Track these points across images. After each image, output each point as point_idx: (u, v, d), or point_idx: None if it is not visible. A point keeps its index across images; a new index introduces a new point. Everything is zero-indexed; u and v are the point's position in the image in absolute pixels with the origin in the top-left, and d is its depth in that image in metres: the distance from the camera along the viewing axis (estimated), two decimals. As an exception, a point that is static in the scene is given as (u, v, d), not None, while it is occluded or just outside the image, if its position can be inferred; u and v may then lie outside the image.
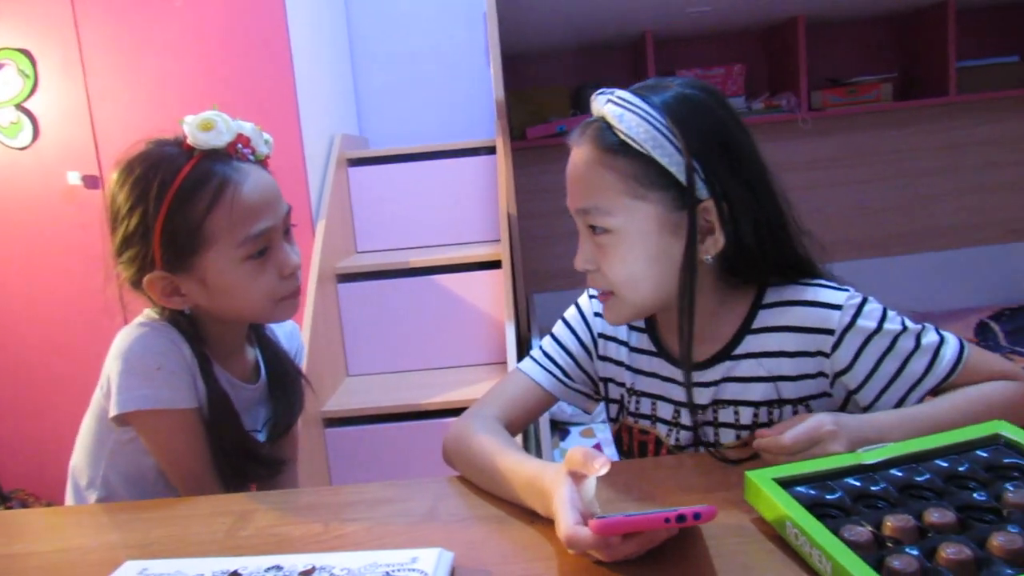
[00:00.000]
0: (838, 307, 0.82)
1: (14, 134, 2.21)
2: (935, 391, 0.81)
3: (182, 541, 0.76)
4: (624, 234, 0.81)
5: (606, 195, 0.81)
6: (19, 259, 2.25)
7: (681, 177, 0.79)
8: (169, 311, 0.99)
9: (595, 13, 2.42)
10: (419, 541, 0.70)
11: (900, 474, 0.68)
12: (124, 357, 0.94)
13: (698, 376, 0.89)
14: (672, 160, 0.79)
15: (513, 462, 0.77)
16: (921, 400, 0.82)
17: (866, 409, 0.84)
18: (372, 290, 2.32)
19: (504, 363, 2.20)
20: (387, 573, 0.63)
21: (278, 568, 0.65)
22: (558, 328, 1.02)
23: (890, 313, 0.83)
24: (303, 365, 1.21)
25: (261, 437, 1.08)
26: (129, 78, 2.16)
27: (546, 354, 0.99)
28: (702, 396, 0.89)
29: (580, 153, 0.84)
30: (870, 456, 0.70)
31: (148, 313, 1.01)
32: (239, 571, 0.65)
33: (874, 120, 3.03)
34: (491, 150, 2.49)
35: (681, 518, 0.57)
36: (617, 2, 2.29)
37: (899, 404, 0.82)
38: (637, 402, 0.95)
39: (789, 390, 0.85)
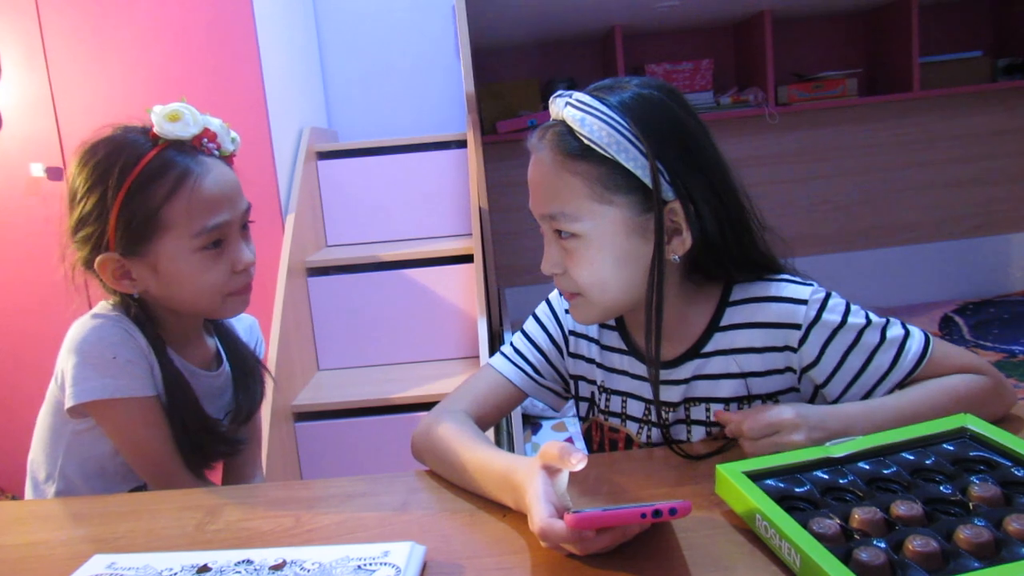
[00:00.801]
0: (803, 302, 0.83)
1: (-27, 126, 2.16)
2: (901, 384, 0.82)
3: (151, 535, 0.76)
4: (591, 238, 0.81)
5: (571, 200, 0.80)
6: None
7: (646, 180, 0.78)
8: (122, 300, 0.99)
9: (565, 7, 2.43)
10: (391, 535, 0.71)
11: (867, 467, 0.70)
12: (78, 349, 0.94)
13: (668, 374, 0.89)
14: (637, 163, 0.78)
15: (484, 457, 0.78)
16: (888, 393, 0.82)
17: (834, 403, 0.85)
18: (342, 284, 2.31)
19: (476, 357, 2.21)
20: (359, 567, 0.63)
21: (248, 562, 0.65)
22: (529, 324, 1.02)
23: (854, 307, 0.84)
24: (263, 358, 1.21)
25: (224, 423, 1.09)
26: (93, 70, 2.12)
27: (517, 350, 0.99)
28: (672, 394, 0.89)
29: (542, 158, 0.83)
30: (838, 449, 0.71)
31: (103, 305, 1.01)
32: (208, 565, 0.65)
33: (839, 115, 3.07)
34: (462, 144, 2.49)
35: (657, 513, 0.58)
36: (587, -4, 2.31)
37: (865, 397, 0.83)
38: (607, 400, 0.96)
39: (758, 386, 0.87)
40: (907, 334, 0.83)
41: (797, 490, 0.67)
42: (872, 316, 0.84)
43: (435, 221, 2.50)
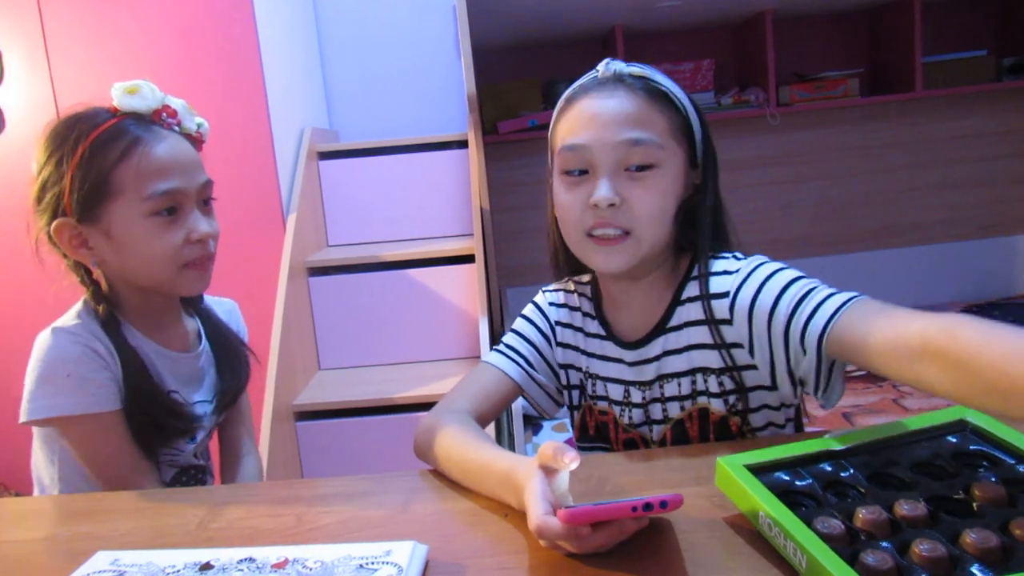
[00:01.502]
0: (729, 272, 0.87)
1: (-24, 126, 2.16)
2: (820, 339, 0.75)
3: (154, 532, 0.76)
4: (665, 170, 0.86)
5: (657, 131, 0.86)
6: (-18, 253, 2.21)
7: (698, 138, 0.90)
8: (92, 295, 1.01)
9: (565, 7, 2.43)
10: (393, 534, 0.71)
11: (868, 460, 0.70)
12: (33, 366, 0.96)
13: (640, 354, 0.93)
14: (695, 122, 0.90)
15: (486, 457, 0.78)
16: (817, 350, 0.76)
17: (786, 372, 0.81)
18: (344, 284, 2.32)
19: (477, 357, 2.21)
20: (361, 566, 0.63)
21: (251, 560, 0.65)
22: (518, 323, 1.05)
23: (788, 268, 0.83)
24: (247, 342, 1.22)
25: (209, 407, 1.10)
26: (95, 71, 2.13)
27: (510, 346, 1.02)
28: (647, 372, 0.93)
29: (623, 96, 0.87)
30: (838, 442, 0.71)
31: (71, 313, 1.01)
32: (211, 563, 0.65)
33: (841, 115, 3.07)
34: (463, 144, 2.49)
35: (648, 506, 0.58)
36: (588, -4, 2.31)
37: (798, 358, 0.79)
38: (594, 385, 0.99)
39: (713, 359, 0.88)
40: (832, 293, 0.77)
41: (798, 484, 0.67)
42: (802, 275, 0.82)
43: (436, 221, 2.51)
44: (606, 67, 0.91)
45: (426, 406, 2.04)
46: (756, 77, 2.88)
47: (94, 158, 0.94)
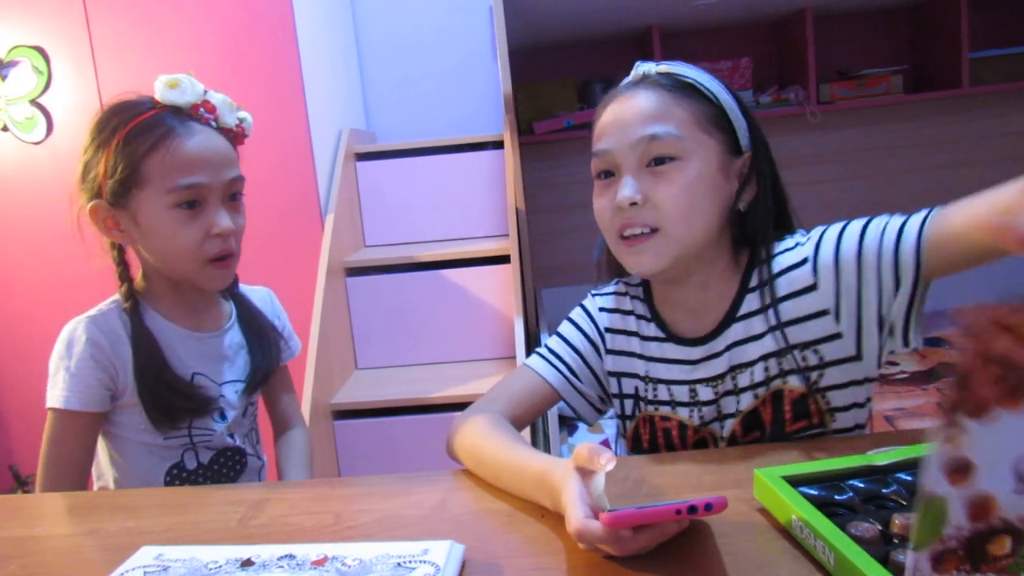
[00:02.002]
0: (798, 244, 0.89)
1: (29, 129, 2.22)
2: (918, 252, 0.78)
3: (196, 528, 0.77)
4: (690, 162, 0.84)
5: (677, 123, 0.85)
6: (34, 249, 2.27)
7: (737, 124, 0.88)
8: (122, 281, 1.06)
9: (602, 7, 2.42)
10: (430, 533, 0.71)
11: (911, 478, 0.68)
12: (51, 358, 1.03)
13: (707, 349, 0.91)
14: (730, 107, 0.88)
15: (521, 458, 0.78)
16: (915, 267, 0.78)
17: (883, 319, 0.82)
18: (380, 284, 2.33)
19: (512, 358, 2.21)
20: (398, 564, 0.63)
21: (291, 557, 0.66)
22: (564, 327, 1.02)
23: (850, 220, 0.87)
24: (287, 328, 1.27)
25: (241, 386, 1.13)
26: (138, 73, 2.17)
27: (552, 351, 1.00)
28: (717, 366, 0.90)
29: (643, 94, 0.87)
30: (880, 458, 0.70)
31: (110, 300, 1.07)
32: (252, 559, 0.66)
33: (884, 113, 3.01)
34: (499, 145, 2.49)
35: (692, 509, 0.57)
36: (625, -4, 2.29)
37: (896, 288, 0.80)
38: (655, 390, 0.95)
39: (797, 334, 0.87)
40: (908, 215, 0.80)
41: (837, 497, 0.66)
42: (869, 217, 0.85)
43: (472, 222, 2.51)
44: (635, 70, 0.92)
45: (462, 406, 2.04)
46: (796, 75, 2.84)
47: (127, 146, 0.98)
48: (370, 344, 2.36)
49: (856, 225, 0.85)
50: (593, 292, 1.04)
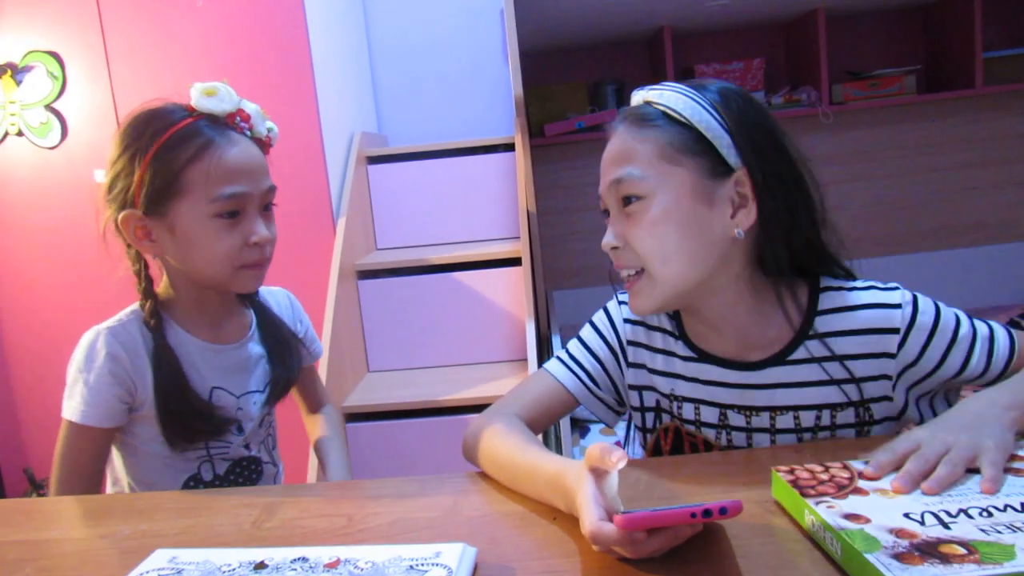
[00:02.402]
0: (897, 306, 0.84)
1: (44, 134, 2.24)
2: (994, 381, 0.82)
3: (210, 531, 0.77)
4: (656, 199, 0.82)
5: (640, 162, 0.83)
6: (49, 253, 2.29)
7: (719, 143, 0.81)
8: (144, 296, 1.05)
9: (613, 8, 2.42)
10: (442, 536, 0.71)
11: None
12: (69, 367, 1.02)
13: (748, 377, 0.87)
14: (709, 127, 0.81)
15: (535, 460, 0.78)
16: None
17: (925, 396, 0.86)
18: (392, 287, 2.34)
19: (524, 360, 2.21)
20: (411, 567, 0.63)
21: (304, 560, 0.66)
22: (586, 331, 1.00)
23: (939, 304, 0.85)
24: (309, 332, 1.27)
25: (261, 397, 1.13)
26: (153, 78, 2.19)
27: (573, 356, 0.98)
28: (756, 399, 0.88)
29: (616, 134, 0.86)
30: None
31: (128, 308, 1.06)
32: (265, 562, 0.66)
33: (897, 114, 2.99)
34: (510, 147, 2.49)
35: (707, 513, 0.57)
36: (636, -3, 2.29)
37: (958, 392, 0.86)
38: (679, 407, 0.93)
39: (853, 392, 0.85)
40: (991, 330, 0.84)
41: None
42: (958, 313, 0.85)
43: (483, 224, 2.51)
44: (632, 99, 0.90)
45: (474, 408, 2.06)
46: (808, 76, 2.83)
47: (166, 156, 0.97)
48: (382, 347, 2.36)
49: (946, 320, 0.83)
50: (619, 297, 1.00)
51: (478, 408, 0.97)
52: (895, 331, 0.83)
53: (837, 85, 2.84)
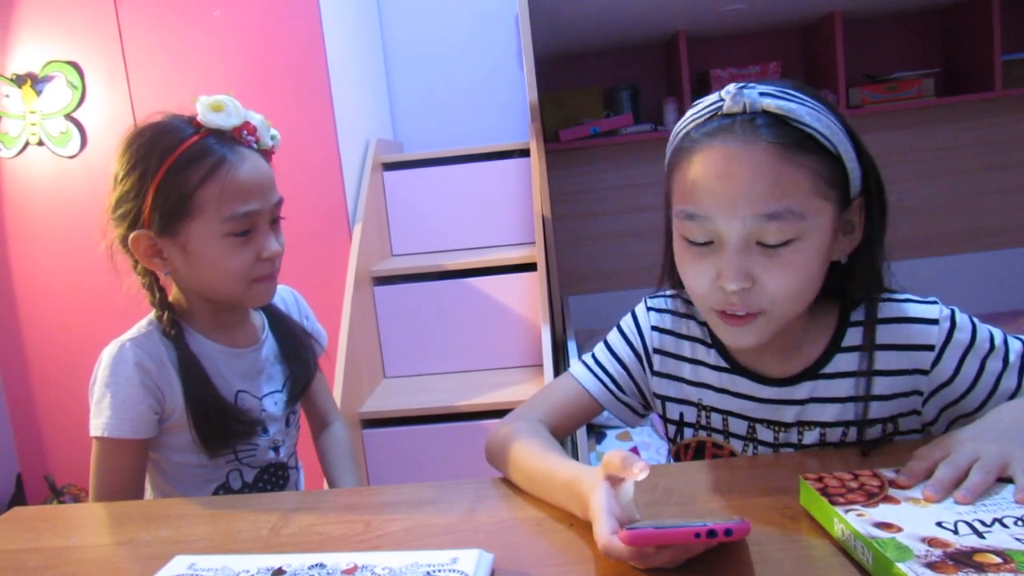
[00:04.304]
0: (934, 321, 0.80)
1: (64, 143, 2.27)
2: None
3: (228, 538, 0.78)
4: (809, 241, 0.73)
5: (800, 197, 0.72)
6: (69, 261, 2.33)
7: (853, 173, 0.76)
8: (159, 304, 1.05)
9: (628, 14, 2.41)
10: (459, 542, 0.71)
11: None
12: (93, 384, 1.01)
13: (782, 393, 0.85)
14: (848, 156, 0.75)
15: (552, 465, 0.77)
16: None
17: (965, 417, 0.82)
18: (408, 293, 2.35)
19: (540, 365, 2.20)
20: (428, 573, 0.63)
21: (321, 566, 0.66)
22: (613, 337, 0.97)
23: (975, 320, 0.82)
24: (315, 327, 1.27)
25: (281, 397, 1.13)
26: (171, 88, 2.22)
27: (598, 361, 0.96)
28: (786, 414, 0.85)
29: (753, 153, 0.72)
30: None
31: (144, 320, 1.06)
32: (283, 568, 0.67)
33: (916, 117, 2.96)
34: (525, 153, 2.49)
35: (712, 533, 0.56)
36: (650, 2, 2.29)
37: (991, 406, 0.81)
38: (708, 417, 0.91)
39: (880, 410, 0.82)
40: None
41: None
42: (992, 330, 0.81)
43: (498, 230, 2.52)
44: (733, 99, 0.74)
45: (489, 414, 2.06)
46: (824, 79, 2.81)
47: (178, 176, 0.96)
48: (398, 353, 2.37)
49: (980, 342, 0.80)
50: (649, 303, 0.96)
51: (494, 414, 0.97)
52: (930, 348, 0.80)
53: (854, 88, 2.82)
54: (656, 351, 0.94)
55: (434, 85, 3.00)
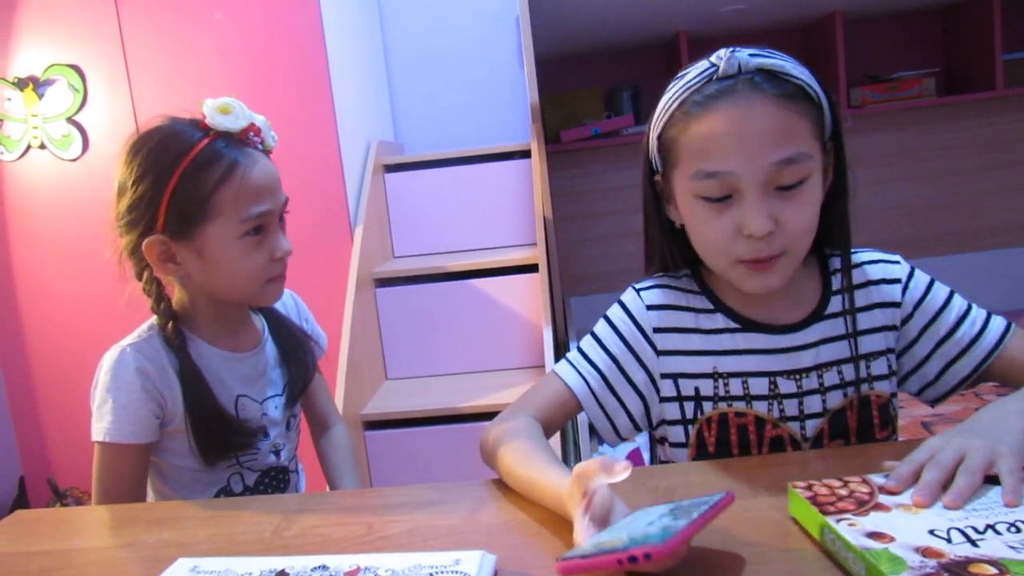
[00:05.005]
0: (897, 262, 0.91)
1: (66, 146, 2.28)
2: (981, 364, 0.87)
3: (231, 540, 0.78)
4: (814, 177, 0.80)
5: (805, 140, 0.79)
6: (72, 264, 2.33)
7: (827, 119, 0.83)
8: (162, 311, 1.04)
9: (628, 15, 2.42)
10: (461, 543, 0.71)
11: None
12: (94, 388, 1.01)
13: (796, 339, 0.88)
14: (824, 102, 0.83)
15: (538, 475, 0.76)
16: (972, 370, 0.87)
17: (915, 370, 0.90)
18: (410, 294, 2.35)
19: (542, 367, 2.20)
20: (431, 574, 0.63)
21: (324, 568, 0.66)
22: (601, 328, 0.94)
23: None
24: (315, 329, 1.27)
25: (281, 400, 1.13)
26: (173, 90, 2.22)
27: (586, 356, 0.92)
28: (805, 359, 0.88)
29: (760, 105, 0.78)
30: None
31: (145, 324, 1.06)
32: (286, 570, 0.67)
33: (917, 117, 2.97)
34: (526, 154, 2.49)
35: (632, 559, 0.55)
36: (650, 3, 2.29)
37: (946, 368, 0.88)
38: (726, 385, 0.89)
39: (869, 343, 0.89)
40: (988, 315, 0.89)
41: None
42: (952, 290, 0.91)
43: (500, 231, 2.52)
44: (728, 63, 0.79)
45: (492, 415, 2.04)
46: (825, 79, 2.81)
47: (192, 180, 0.96)
48: (399, 354, 2.37)
49: (940, 287, 0.91)
50: (637, 286, 0.95)
51: (496, 415, 0.96)
52: (897, 281, 0.90)
53: (855, 88, 2.82)
54: (657, 330, 0.91)
55: (435, 87, 3.00)
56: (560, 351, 2.22)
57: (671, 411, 0.92)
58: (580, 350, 0.94)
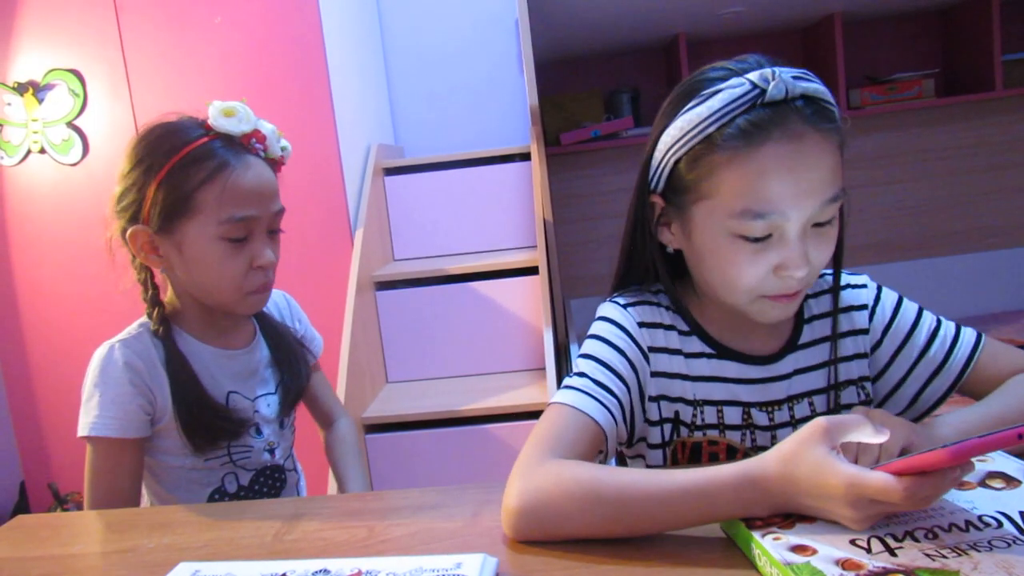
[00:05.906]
0: (863, 285, 0.90)
1: (66, 151, 2.28)
2: (955, 383, 0.86)
3: (232, 544, 0.78)
4: (838, 214, 0.78)
5: (840, 173, 0.75)
6: (72, 269, 2.33)
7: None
8: (153, 306, 1.05)
9: (628, 17, 2.42)
10: (463, 546, 0.71)
11: None
12: (84, 384, 1.02)
13: (771, 370, 0.87)
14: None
15: (689, 479, 0.64)
16: (948, 389, 0.86)
17: (890, 394, 0.89)
18: (410, 297, 2.35)
19: (542, 369, 2.20)
20: (432, 578, 0.63)
21: (325, 572, 0.66)
22: (601, 350, 0.84)
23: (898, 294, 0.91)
24: (308, 331, 1.27)
25: (275, 399, 1.14)
26: (172, 95, 2.22)
27: (598, 383, 0.81)
28: (777, 391, 0.87)
29: (812, 143, 0.73)
30: None
31: (137, 322, 1.07)
32: (288, 574, 0.67)
33: (916, 118, 2.96)
34: (526, 157, 2.50)
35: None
36: (649, 5, 2.29)
37: (921, 390, 0.87)
38: (701, 412, 0.86)
39: (846, 371, 0.88)
40: (958, 329, 0.87)
41: None
42: (920, 307, 0.90)
43: (500, 234, 2.52)
44: (776, 88, 0.73)
45: (493, 418, 2.06)
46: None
47: (179, 175, 0.97)
48: (400, 357, 2.37)
49: (908, 306, 0.89)
50: (621, 301, 0.89)
51: (497, 418, 0.95)
52: (864, 307, 0.89)
53: (854, 90, 2.82)
54: (651, 349, 0.86)
55: (435, 90, 3.01)
56: (561, 354, 2.22)
57: (654, 434, 0.88)
58: (589, 376, 0.82)
